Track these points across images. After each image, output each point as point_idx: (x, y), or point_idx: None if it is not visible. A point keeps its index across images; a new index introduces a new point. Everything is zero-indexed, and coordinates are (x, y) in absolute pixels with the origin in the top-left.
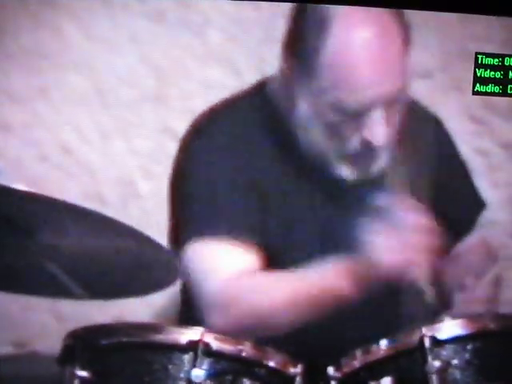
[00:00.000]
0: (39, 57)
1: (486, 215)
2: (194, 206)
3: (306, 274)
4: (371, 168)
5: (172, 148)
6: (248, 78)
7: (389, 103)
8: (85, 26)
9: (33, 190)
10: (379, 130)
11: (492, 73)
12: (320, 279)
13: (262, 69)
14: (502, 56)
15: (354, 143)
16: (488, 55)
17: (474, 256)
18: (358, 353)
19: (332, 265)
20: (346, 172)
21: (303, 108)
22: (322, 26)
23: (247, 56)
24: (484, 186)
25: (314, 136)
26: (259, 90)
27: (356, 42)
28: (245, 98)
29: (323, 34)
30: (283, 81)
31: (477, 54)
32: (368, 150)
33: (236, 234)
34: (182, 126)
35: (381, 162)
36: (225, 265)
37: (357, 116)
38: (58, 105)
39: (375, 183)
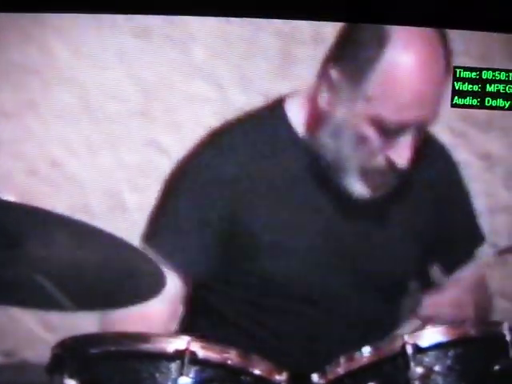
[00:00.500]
0: (28, 72)
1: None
2: (165, 214)
3: None
4: (384, 188)
5: (158, 161)
6: (231, 92)
7: (421, 127)
8: (73, 42)
9: (22, 201)
10: (406, 152)
11: (470, 86)
12: None
13: (245, 83)
14: (480, 70)
15: (378, 160)
16: (466, 69)
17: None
18: (342, 360)
19: None
20: (359, 188)
21: (340, 114)
22: (380, 41)
23: (230, 71)
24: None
25: (340, 145)
26: (275, 109)
27: (409, 63)
28: (260, 117)
29: (380, 49)
30: (326, 84)
31: (455, 67)
32: (389, 170)
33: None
34: (167, 139)
35: (392, 183)
36: None
37: (390, 134)
38: (46, 119)
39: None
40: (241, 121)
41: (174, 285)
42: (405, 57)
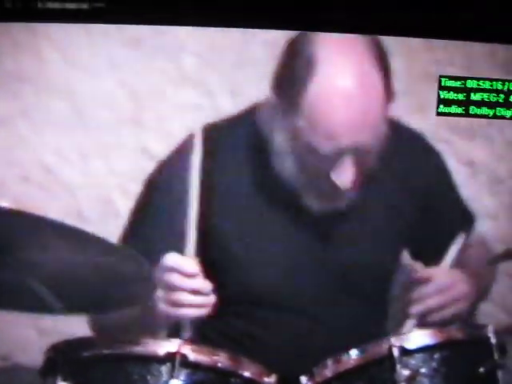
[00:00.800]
0: (21, 81)
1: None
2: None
3: None
4: (338, 204)
5: (149, 168)
6: (221, 101)
7: (362, 151)
8: (65, 52)
9: (15, 207)
10: (347, 175)
11: (455, 95)
12: None
13: (235, 91)
14: (464, 79)
15: (322, 183)
16: (451, 78)
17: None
18: (330, 362)
19: None
20: (314, 204)
21: (279, 139)
22: (308, 68)
23: (220, 80)
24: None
25: (286, 167)
26: (249, 115)
27: (337, 91)
28: (235, 122)
29: (308, 76)
30: (267, 110)
31: (440, 76)
32: (335, 191)
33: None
34: (158, 146)
35: (348, 199)
36: None
37: (327, 160)
38: (39, 127)
39: (344, 215)
40: (211, 129)
41: None
42: (331, 85)
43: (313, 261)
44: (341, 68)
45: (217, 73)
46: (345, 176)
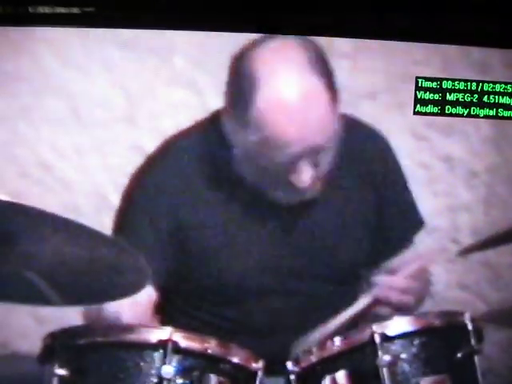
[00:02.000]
0: (19, 81)
1: (428, 222)
2: (123, 228)
3: None
4: (303, 195)
5: None
6: (210, 100)
7: (315, 153)
8: (61, 53)
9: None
10: (305, 175)
11: (431, 95)
12: None
13: (223, 91)
14: (440, 80)
15: (282, 184)
16: (427, 79)
17: (412, 279)
18: (314, 348)
19: None
20: (279, 198)
21: (237, 149)
22: (251, 84)
23: (210, 79)
24: (425, 196)
25: (246, 173)
26: (212, 121)
27: (281, 103)
28: (198, 130)
29: (253, 92)
30: (226, 120)
31: (417, 78)
32: (296, 189)
33: None
34: (150, 143)
35: (313, 191)
36: None
37: (285, 165)
38: (37, 125)
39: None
40: (184, 135)
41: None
42: (274, 100)
43: (284, 247)
44: (282, 80)
45: (206, 72)
46: (303, 177)
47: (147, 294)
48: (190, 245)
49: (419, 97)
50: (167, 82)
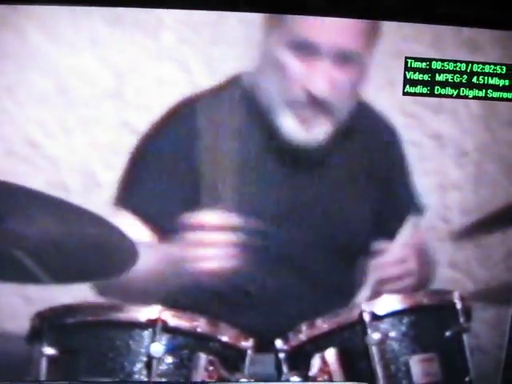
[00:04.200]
0: (4, 58)
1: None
2: (133, 177)
3: None
4: (316, 128)
5: (130, 141)
6: (198, 76)
7: (337, 55)
8: (47, 29)
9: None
10: (322, 82)
11: (420, 75)
12: None
13: (211, 67)
14: (430, 60)
15: (297, 91)
16: (417, 59)
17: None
18: (304, 327)
19: None
20: (291, 126)
21: (263, 45)
22: None
23: (197, 55)
24: (416, 174)
25: (268, 80)
26: (235, 82)
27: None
28: (222, 89)
29: None
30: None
31: (406, 58)
32: (311, 103)
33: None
34: (138, 120)
35: (325, 126)
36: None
37: (306, 57)
38: (23, 102)
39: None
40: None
41: (147, 258)
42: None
43: (292, 212)
44: None
45: (193, 49)
46: (320, 82)
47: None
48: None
49: (408, 77)
50: (155, 58)
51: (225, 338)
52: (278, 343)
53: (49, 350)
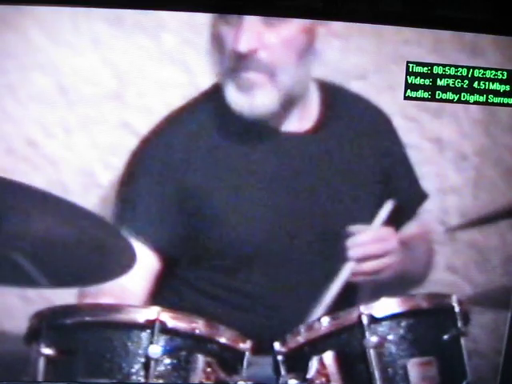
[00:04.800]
0: (6, 57)
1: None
2: (129, 197)
3: None
4: (259, 95)
5: (130, 142)
6: (199, 77)
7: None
8: (49, 29)
9: None
10: (247, 37)
11: (422, 80)
12: None
13: (212, 69)
14: (431, 65)
15: (227, 54)
16: (418, 64)
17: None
18: (302, 329)
19: None
20: (238, 100)
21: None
22: None
23: (198, 57)
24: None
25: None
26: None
27: None
28: (201, 101)
29: None
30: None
31: (408, 62)
32: (240, 62)
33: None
34: (139, 121)
35: (269, 92)
36: None
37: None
38: (24, 102)
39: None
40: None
41: (148, 261)
42: None
43: (287, 212)
44: None
45: (195, 50)
46: (239, 36)
47: (150, 263)
48: (195, 208)
49: (410, 82)
50: (156, 60)
51: (223, 340)
52: (276, 345)
53: (47, 351)
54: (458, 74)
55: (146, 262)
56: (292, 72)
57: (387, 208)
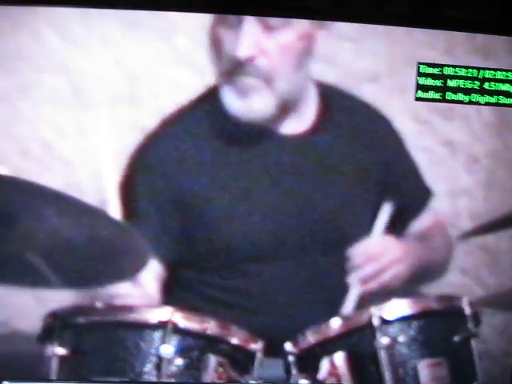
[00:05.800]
0: (20, 59)
1: (429, 206)
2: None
3: None
4: (255, 99)
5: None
6: (212, 79)
7: (265, 24)
8: (62, 31)
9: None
10: (246, 44)
11: (432, 81)
12: None
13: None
14: (442, 66)
15: (227, 59)
16: (429, 65)
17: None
18: (313, 330)
19: None
20: (233, 102)
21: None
22: None
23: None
24: (427, 179)
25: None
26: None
27: None
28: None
29: None
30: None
31: (419, 63)
32: (239, 68)
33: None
34: (152, 123)
35: (266, 97)
36: None
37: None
38: (37, 103)
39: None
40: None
41: (153, 267)
42: None
43: (287, 215)
44: None
45: (207, 53)
46: (241, 43)
47: (155, 271)
48: (193, 214)
49: (420, 83)
50: (169, 62)
51: (234, 340)
52: (288, 346)
53: (60, 350)
54: (469, 75)
55: (152, 269)
56: (290, 77)
57: (386, 213)
